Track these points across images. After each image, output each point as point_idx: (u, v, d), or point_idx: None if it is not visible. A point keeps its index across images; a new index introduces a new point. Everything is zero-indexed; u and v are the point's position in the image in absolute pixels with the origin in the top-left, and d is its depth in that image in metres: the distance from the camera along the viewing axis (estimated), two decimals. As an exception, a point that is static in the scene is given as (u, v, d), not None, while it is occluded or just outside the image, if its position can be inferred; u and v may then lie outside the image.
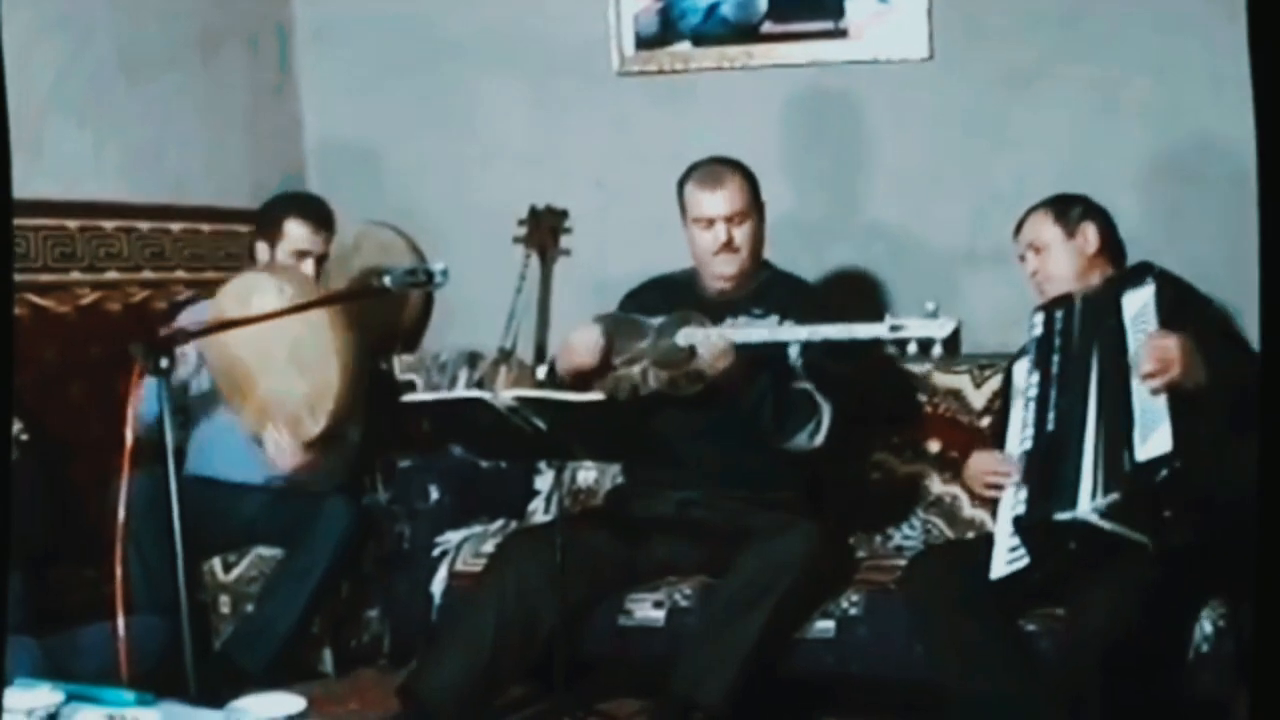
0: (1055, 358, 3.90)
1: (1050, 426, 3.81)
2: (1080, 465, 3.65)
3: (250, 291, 4.52)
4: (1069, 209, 4.13)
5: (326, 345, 4.43)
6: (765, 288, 4.40)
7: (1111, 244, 4.14)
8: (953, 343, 3.78)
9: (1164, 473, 3.46)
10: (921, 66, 5.02)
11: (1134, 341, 3.70)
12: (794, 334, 4.08)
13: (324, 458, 4.64)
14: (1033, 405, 3.88)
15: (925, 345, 3.77)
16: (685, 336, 4.11)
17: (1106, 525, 3.56)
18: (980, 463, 4.04)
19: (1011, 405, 4.10)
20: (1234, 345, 3.87)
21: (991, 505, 4.07)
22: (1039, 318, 4.04)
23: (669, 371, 4.15)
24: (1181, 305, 3.79)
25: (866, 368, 4.35)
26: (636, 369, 4.19)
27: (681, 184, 4.38)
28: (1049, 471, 3.73)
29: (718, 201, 4.29)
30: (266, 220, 4.80)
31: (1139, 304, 3.77)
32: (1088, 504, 3.58)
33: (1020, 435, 3.92)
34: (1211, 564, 3.60)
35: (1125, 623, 3.51)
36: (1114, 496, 3.56)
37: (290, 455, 4.56)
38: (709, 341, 4.04)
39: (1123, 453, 3.57)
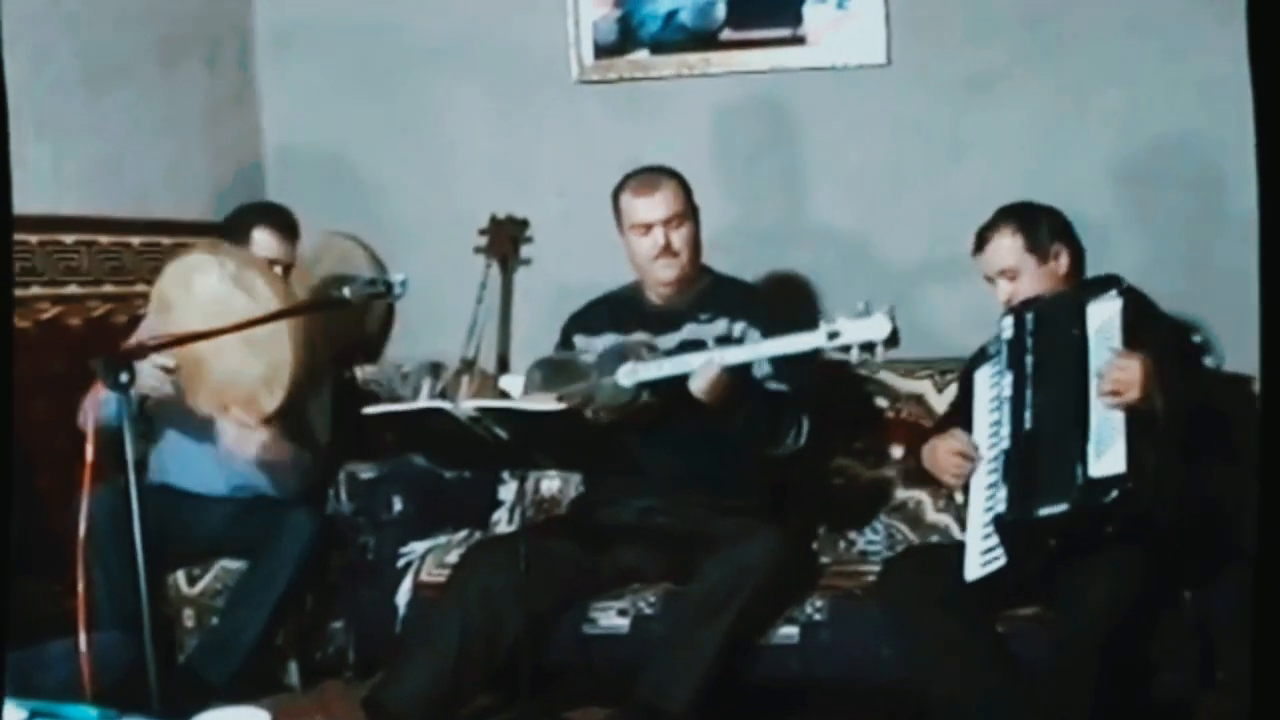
0: (1028, 358, 3.88)
1: (1028, 425, 3.80)
2: (1060, 461, 3.65)
3: (190, 272, 4.51)
4: (1037, 231, 4.03)
5: (278, 328, 4.34)
6: (709, 293, 4.41)
7: (1080, 259, 4.10)
8: (893, 340, 3.77)
9: (1115, 493, 3.50)
10: (880, 72, 5.03)
11: (1096, 356, 3.70)
12: (734, 355, 4.04)
13: (286, 445, 4.63)
14: (1007, 406, 3.87)
15: (867, 348, 3.78)
16: (627, 374, 4.10)
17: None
18: (945, 449, 3.99)
19: (975, 411, 4.05)
20: (1191, 368, 3.89)
21: (955, 502, 4.07)
22: (1008, 321, 3.99)
23: (618, 414, 4.15)
24: (1144, 323, 3.78)
25: (824, 377, 4.36)
26: (587, 414, 4.15)
27: (616, 194, 4.39)
28: (1031, 468, 3.73)
29: (654, 206, 4.30)
30: (233, 230, 4.78)
31: (1103, 317, 3.75)
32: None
33: (991, 438, 3.91)
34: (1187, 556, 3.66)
35: (1123, 604, 3.54)
36: (1062, 507, 3.58)
37: (250, 437, 4.55)
38: (703, 372, 3.99)
39: (1075, 465, 3.59)
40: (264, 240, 4.70)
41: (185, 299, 4.47)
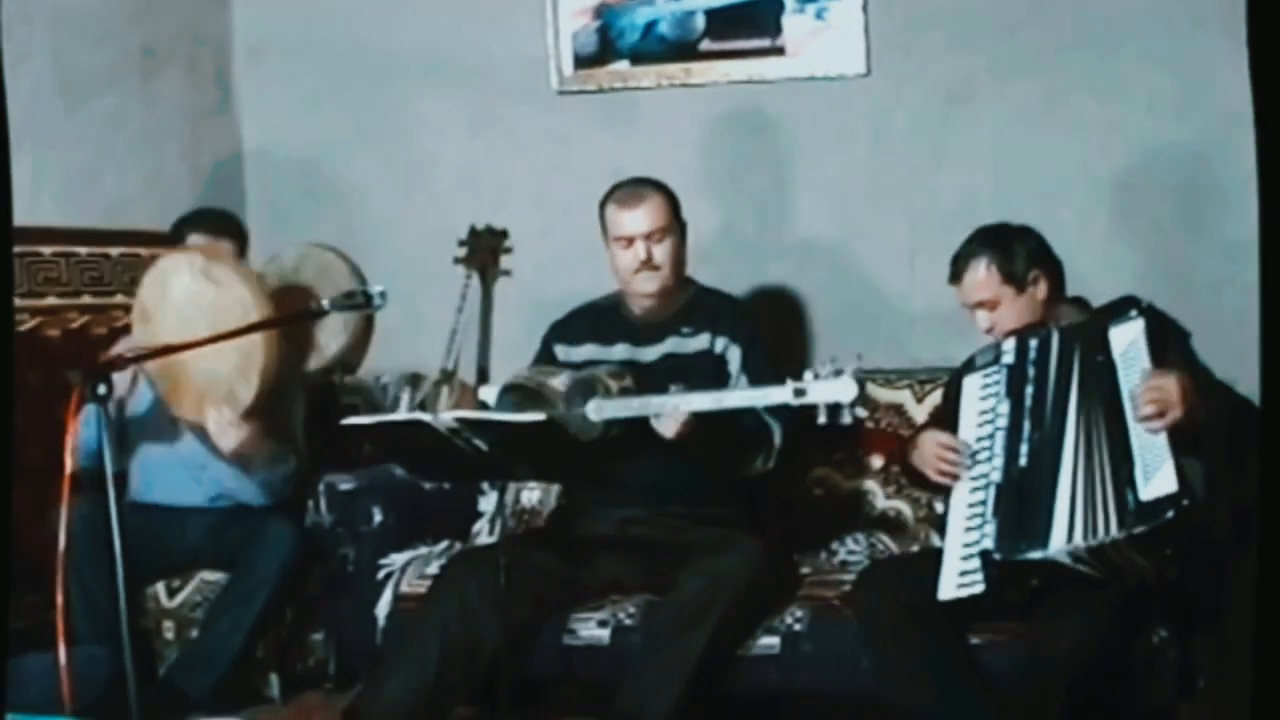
0: (1029, 389, 3.80)
1: (1022, 461, 3.74)
2: (1054, 505, 3.61)
3: (165, 276, 4.58)
4: (1012, 261, 3.94)
5: (248, 314, 4.39)
6: (692, 305, 4.41)
7: (1059, 280, 4.03)
8: (859, 402, 3.66)
9: (1170, 513, 3.44)
10: (859, 83, 5.03)
11: (1126, 379, 3.65)
12: (699, 403, 3.90)
13: (266, 439, 4.64)
14: (1001, 435, 3.80)
15: (833, 410, 3.66)
16: (595, 410, 3.97)
17: (1074, 565, 3.57)
18: (934, 442, 3.93)
19: (961, 418, 3.97)
20: (1215, 381, 3.84)
21: (935, 512, 4.03)
22: (1010, 343, 3.90)
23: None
24: (1167, 340, 3.74)
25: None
26: None
27: (603, 205, 4.39)
28: (1022, 509, 3.68)
29: (637, 219, 4.31)
30: (171, 239, 4.87)
31: (1127, 339, 3.70)
32: (1062, 544, 3.56)
33: (979, 450, 3.85)
34: (1165, 597, 3.65)
35: (1090, 649, 3.53)
36: (1108, 537, 3.53)
37: (232, 431, 4.55)
38: (669, 417, 3.91)
39: (1126, 492, 3.54)
40: (195, 241, 4.76)
41: (162, 304, 4.53)
